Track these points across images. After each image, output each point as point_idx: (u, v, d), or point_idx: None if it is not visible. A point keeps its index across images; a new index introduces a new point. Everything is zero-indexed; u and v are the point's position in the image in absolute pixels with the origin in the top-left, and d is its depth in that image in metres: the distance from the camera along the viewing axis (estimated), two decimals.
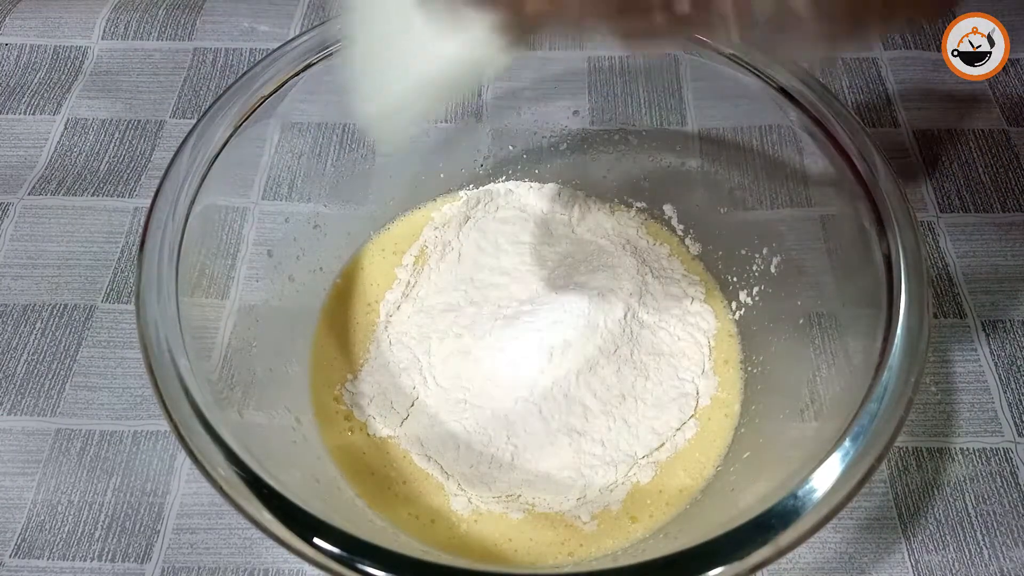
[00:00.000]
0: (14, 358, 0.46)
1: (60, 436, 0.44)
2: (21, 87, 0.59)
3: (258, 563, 0.40)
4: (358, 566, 0.27)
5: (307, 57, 0.40)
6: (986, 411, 0.45)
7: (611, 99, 0.54)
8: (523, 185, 0.52)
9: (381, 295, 0.47)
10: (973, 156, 0.55)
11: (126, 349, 0.46)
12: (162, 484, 0.42)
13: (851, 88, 0.59)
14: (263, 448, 0.31)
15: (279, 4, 0.64)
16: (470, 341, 0.44)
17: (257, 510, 0.28)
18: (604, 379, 0.42)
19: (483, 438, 0.41)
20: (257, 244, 0.43)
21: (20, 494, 0.42)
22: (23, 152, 0.55)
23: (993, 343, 0.47)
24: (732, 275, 0.47)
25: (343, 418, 0.43)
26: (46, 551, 0.40)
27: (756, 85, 0.40)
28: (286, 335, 0.44)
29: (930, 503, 0.42)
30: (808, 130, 0.39)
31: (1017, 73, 0.59)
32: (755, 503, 0.29)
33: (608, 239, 0.48)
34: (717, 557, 0.27)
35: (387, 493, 0.40)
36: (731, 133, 0.48)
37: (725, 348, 0.45)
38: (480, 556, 0.38)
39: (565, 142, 0.52)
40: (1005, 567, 0.40)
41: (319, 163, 0.49)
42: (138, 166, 0.55)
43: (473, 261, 0.48)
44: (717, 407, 0.43)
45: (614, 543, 0.39)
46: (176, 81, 0.59)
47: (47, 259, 0.50)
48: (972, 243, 0.51)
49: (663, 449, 0.42)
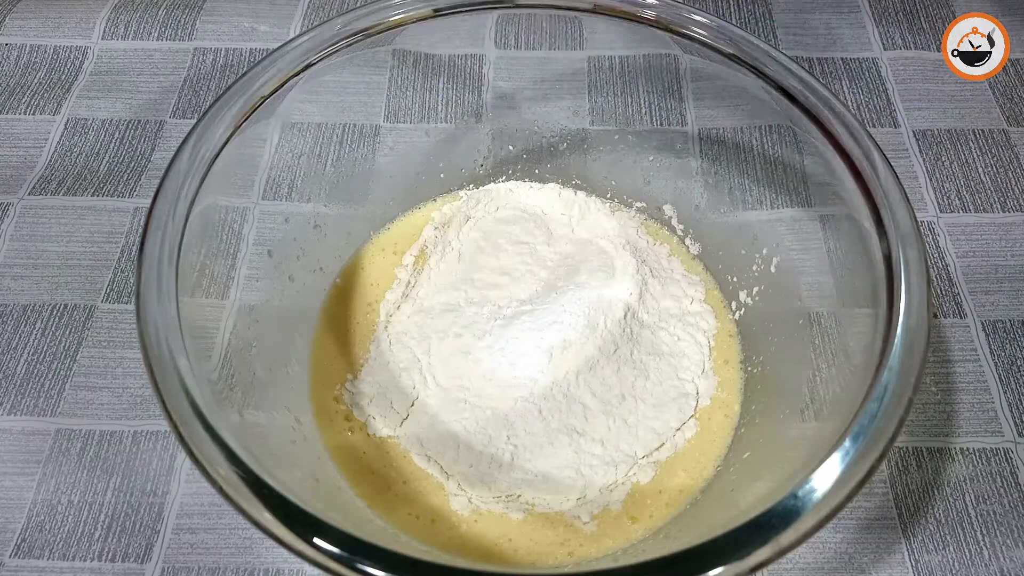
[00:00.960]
0: (14, 358, 0.46)
1: (60, 436, 0.44)
2: (21, 87, 0.59)
3: (258, 563, 0.40)
4: (358, 566, 0.27)
5: (307, 57, 0.40)
6: (986, 411, 0.45)
7: (611, 99, 0.54)
8: (523, 185, 0.52)
9: (381, 295, 0.47)
10: (973, 156, 0.55)
11: (126, 349, 0.46)
12: (162, 484, 0.42)
13: (851, 88, 0.59)
14: (263, 448, 0.31)
15: (279, 4, 0.64)
16: (470, 341, 0.44)
17: (257, 510, 0.28)
18: (604, 379, 0.42)
19: (483, 438, 0.41)
20: (257, 244, 0.43)
21: (20, 494, 0.42)
22: (23, 152, 0.55)
23: (993, 343, 0.47)
24: (732, 275, 0.47)
25: (343, 418, 0.43)
26: (46, 551, 0.40)
27: (756, 85, 0.40)
28: (286, 335, 0.44)
29: (930, 503, 0.42)
30: (808, 130, 0.39)
31: (1017, 73, 0.59)
32: (755, 503, 0.29)
33: (608, 239, 0.48)
34: (717, 557, 0.27)
35: (387, 493, 0.40)
36: (731, 133, 0.48)
37: (725, 348, 0.45)
38: (480, 556, 0.38)
39: (565, 142, 0.52)
40: (1005, 567, 0.40)
41: (319, 163, 0.49)
42: (138, 166, 0.55)
43: (473, 261, 0.48)
44: (717, 407, 0.43)
45: (614, 543, 0.39)
46: (176, 81, 0.59)
47: (47, 259, 0.50)
48: (972, 243, 0.51)
49: (663, 449, 0.42)
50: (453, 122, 0.54)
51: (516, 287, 0.46)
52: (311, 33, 0.41)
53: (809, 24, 0.63)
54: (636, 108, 0.53)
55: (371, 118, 0.53)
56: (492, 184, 0.52)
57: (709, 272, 0.49)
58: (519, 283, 0.46)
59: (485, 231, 0.49)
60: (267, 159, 0.44)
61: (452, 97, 0.55)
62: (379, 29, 0.42)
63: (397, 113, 0.54)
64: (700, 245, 0.49)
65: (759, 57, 0.40)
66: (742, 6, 0.64)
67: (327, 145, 0.50)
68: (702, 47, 0.41)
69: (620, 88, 0.53)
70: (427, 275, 0.48)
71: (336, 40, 0.41)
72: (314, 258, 0.46)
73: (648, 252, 0.49)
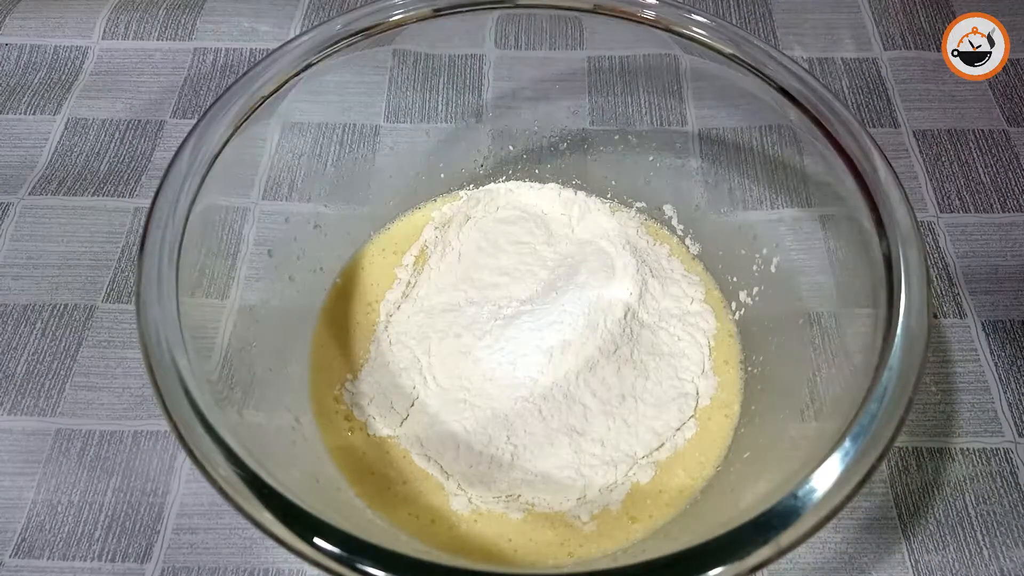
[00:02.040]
0: (14, 358, 0.46)
1: (60, 436, 0.44)
2: (21, 87, 0.59)
3: (258, 563, 0.40)
4: (358, 566, 0.27)
5: (307, 57, 0.40)
6: (986, 411, 0.45)
7: (611, 99, 0.54)
8: (523, 185, 0.52)
9: (381, 295, 0.47)
10: (973, 156, 0.55)
11: (126, 349, 0.46)
12: (162, 484, 0.42)
13: (851, 88, 0.59)
14: (263, 448, 0.31)
15: (279, 4, 0.64)
16: (470, 341, 0.44)
17: (257, 510, 0.28)
18: (604, 379, 0.42)
19: (483, 438, 0.41)
20: (257, 244, 0.43)
21: (20, 494, 0.42)
22: (23, 152, 0.55)
23: (993, 343, 0.47)
24: (732, 275, 0.47)
25: (343, 418, 0.43)
26: (46, 551, 0.40)
27: (756, 85, 0.40)
28: (286, 335, 0.44)
29: (930, 503, 0.42)
30: (808, 130, 0.39)
31: (1017, 73, 0.59)
32: (755, 503, 0.29)
33: (608, 239, 0.48)
34: (717, 557, 0.27)
35: (387, 493, 0.40)
36: (731, 133, 0.48)
37: (725, 348, 0.45)
38: (480, 556, 0.38)
39: (565, 142, 0.52)
40: (1005, 567, 0.40)
41: (319, 163, 0.49)
42: (138, 166, 0.55)
43: (473, 261, 0.48)
44: (717, 407, 0.43)
45: (614, 543, 0.39)
46: (176, 81, 0.59)
47: (47, 259, 0.50)
48: (972, 243, 0.51)
49: (663, 449, 0.42)
50: (453, 122, 0.54)
51: (516, 287, 0.46)
52: (311, 33, 0.41)
53: (809, 24, 0.63)
54: (636, 108, 0.53)
55: (371, 118, 0.53)
56: (492, 184, 0.52)
57: (709, 272, 0.49)
58: (519, 283, 0.46)
59: (485, 231, 0.49)
60: (267, 159, 0.44)
61: (452, 97, 0.55)
62: (379, 29, 0.42)
63: (397, 113, 0.54)
64: (700, 245, 0.49)
65: (759, 57, 0.40)
66: (742, 6, 0.64)
67: (327, 145, 0.50)
68: (702, 47, 0.41)
69: (620, 88, 0.53)
70: (427, 275, 0.48)
71: (336, 40, 0.41)
72: (314, 258, 0.46)
73: (648, 252, 0.49)
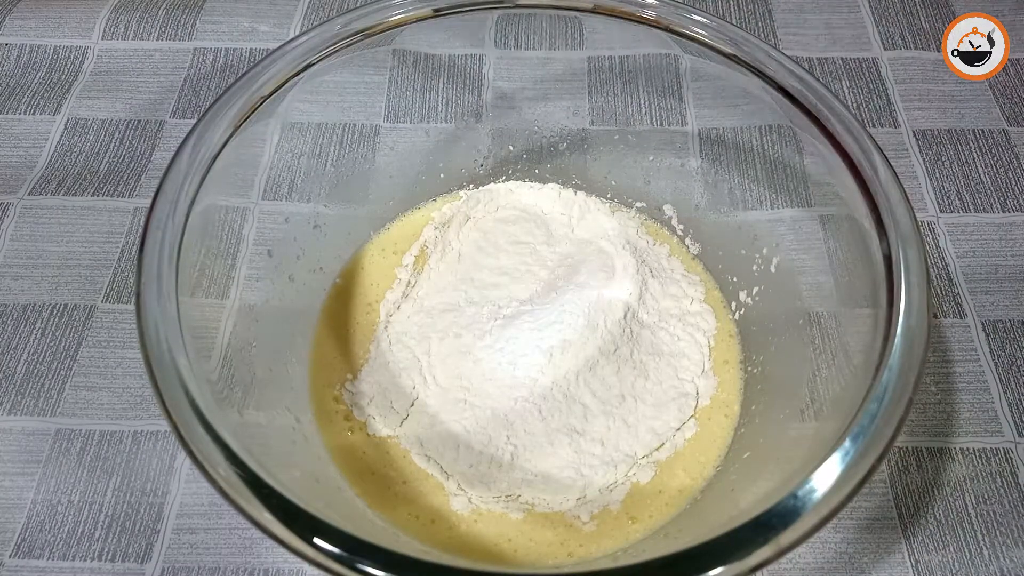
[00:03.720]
0: (14, 358, 0.46)
1: (60, 436, 0.44)
2: (21, 87, 0.59)
3: (258, 563, 0.40)
4: (358, 566, 0.27)
5: (307, 57, 0.40)
6: (986, 411, 0.45)
7: (611, 99, 0.54)
8: (523, 185, 0.52)
9: (381, 295, 0.47)
10: (973, 156, 0.55)
11: (126, 349, 0.46)
12: (162, 484, 0.42)
13: (851, 88, 0.59)
14: (263, 448, 0.31)
15: (279, 4, 0.64)
16: (470, 341, 0.44)
17: (257, 510, 0.28)
18: (604, 379, 0.42)
19: (483, 438, 0.41)
20: (257, 244, 0.43)
21: (20, 494, 0.42)
22: (23, 152, 0.55)
23: (993, 343, 0.47)
24: (732, 275, 0.47)
25: (343, 418, 0.43)
26: (46, 551, 0.40)
27: (756, 85, 0.40)
28: (286, 335, 0.44)
29: (930, 503, 0.42)
30: (808, 130, 0.39)
31: (1017, 73, 0.59)
32: (755, 503, 0.29)
33: (608, 239, 0.48)
34: (717, 557, 0.27)
35: (387, 493, 0.40)
36: (731, 133, 0.48)
37: (725, 348, 0.45)
38: (480, 556, 0.38)
39: (565, 142, 0.52)
40: (1005, 567, 0.40)
41: (319, 163, 0.49)
42: (138, 166, 0.55)
43: (473, 261, 0.48)
44: (717, 407, 0.43)
45: (614, 543, 0.39)
46: (176, 81, 0.59)
47: (47, 259, 0.50)
48: (972, 243, 0.51)
49: (663, 449, 0.42)
50: (453, 122, 0.54)
51: (516, 287, 0.46)
52: (311, 33, 0.41)
53: (809, 24, 0.63)
54: (636, 108, 0.53)
55: (371, 118, 0.53)
56: (492, 184, 0.52)
57: (709, 272, 0.49)
58: (519, 283, 0.46)
59: (485, 231, 0.49)
60: (267, 159, 0.44)
61: (452, 97, 0.55)
62: (379, 29, 0.42)
63: (397, 113, 0.54)
64: (700, 245, 0.49)
65: (759, 57, 0.40)
66: (742, 6, 0.64)
67: (327, 145, 0.50)
68: (702, 47, 0.41)
69: (620, 88, 0.53)
70: (427, 275, 0.48)
71: (336, 40, 0.41)
72: (314, 258, 0.46)
73: (648, 252, 0.49)
